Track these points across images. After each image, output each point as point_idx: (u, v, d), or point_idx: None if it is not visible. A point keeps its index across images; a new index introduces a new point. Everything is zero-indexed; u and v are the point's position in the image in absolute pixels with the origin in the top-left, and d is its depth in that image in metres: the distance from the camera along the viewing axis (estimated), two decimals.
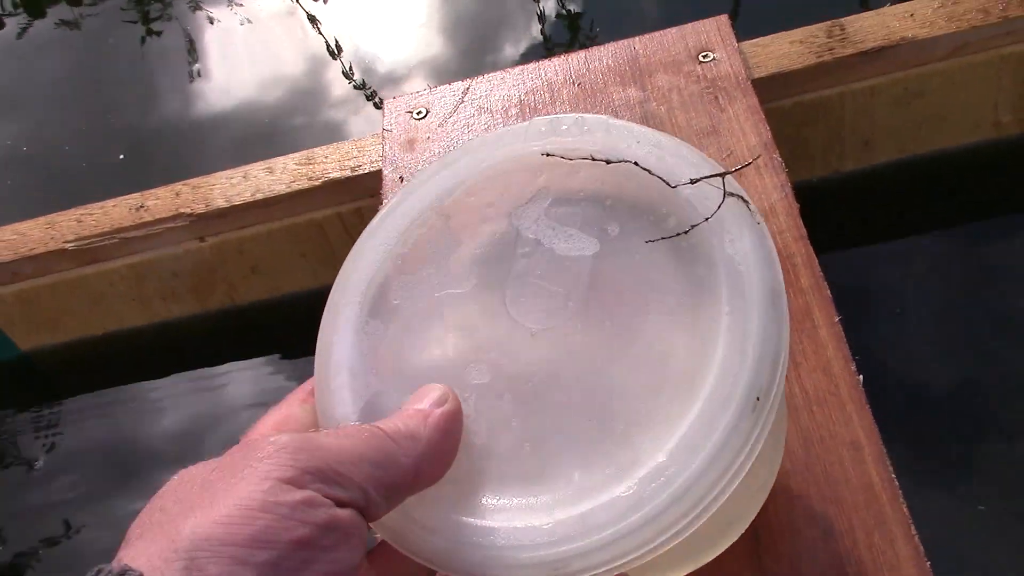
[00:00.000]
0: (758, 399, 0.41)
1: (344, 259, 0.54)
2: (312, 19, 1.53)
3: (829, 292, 0.71)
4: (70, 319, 1.07)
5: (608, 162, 0.49)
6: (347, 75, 1.41)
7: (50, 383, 1.12)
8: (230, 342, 1.07)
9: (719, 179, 0.46)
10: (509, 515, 0.42)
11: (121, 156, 1.36)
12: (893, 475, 0.60)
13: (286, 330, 1.06)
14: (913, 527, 0.58)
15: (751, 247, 0.44)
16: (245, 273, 1.04)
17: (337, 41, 1.46)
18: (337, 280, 0.51)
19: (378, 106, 1.35)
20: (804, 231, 0.74)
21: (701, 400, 0.42)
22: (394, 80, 1.39)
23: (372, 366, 0.47)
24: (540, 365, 0.46)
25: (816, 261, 0.72)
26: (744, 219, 0.45)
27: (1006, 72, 0.94)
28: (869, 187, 0.98)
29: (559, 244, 0.49)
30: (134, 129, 1.41)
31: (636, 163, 0.48)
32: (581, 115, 0.51)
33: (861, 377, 0.65)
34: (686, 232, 0.46)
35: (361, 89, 1.38)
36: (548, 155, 0.51)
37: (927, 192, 0.97)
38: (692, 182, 0.46)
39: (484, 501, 0.43)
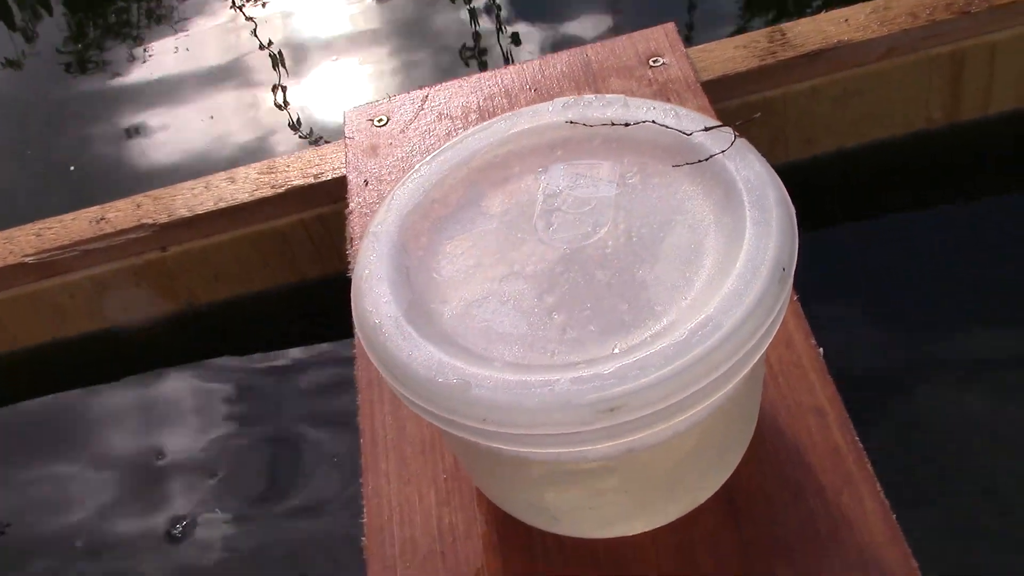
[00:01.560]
0: (784, 270, 0.49)
1: (306, 267, 0.63)
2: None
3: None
4: (26, 333, 1.07)
5: (627, 124, 0.58)
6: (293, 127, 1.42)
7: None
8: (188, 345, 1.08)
9: (725, 133, 0.56)
10: (562, 371, 0.47)
11: None
12: (857, 438, 0.64)
13: (245, 331, 1.08)
14: (878, 485, 0.61)
15: (763, 170, 0.53)
16: (208, 281, 1.05)
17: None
18: (376, 215, 0.58)
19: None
20: None
21: (733, 276, 0.48)
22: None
23: (409, 280, 0.55)
24: (574, 273, 0.53)
25: None
26: (752, 154, 0.55)
27: (935, 71, 0.99)
28: (812, 177, 1.03)
29: (582, 190, 0.57)
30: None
31: (654, 121, 0.57)
32: (601, 94, 0.60)
33: (821, 350, 0.69)
34: (707, 159, 0.55)
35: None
36: (571, 122, 0.60)
37: (865, 181, 1.03)
38: (706, 129, 0.56)
39: (539, 367, 0.49)
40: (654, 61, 0.94)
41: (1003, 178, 1.03)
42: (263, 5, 1.67)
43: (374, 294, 0.54)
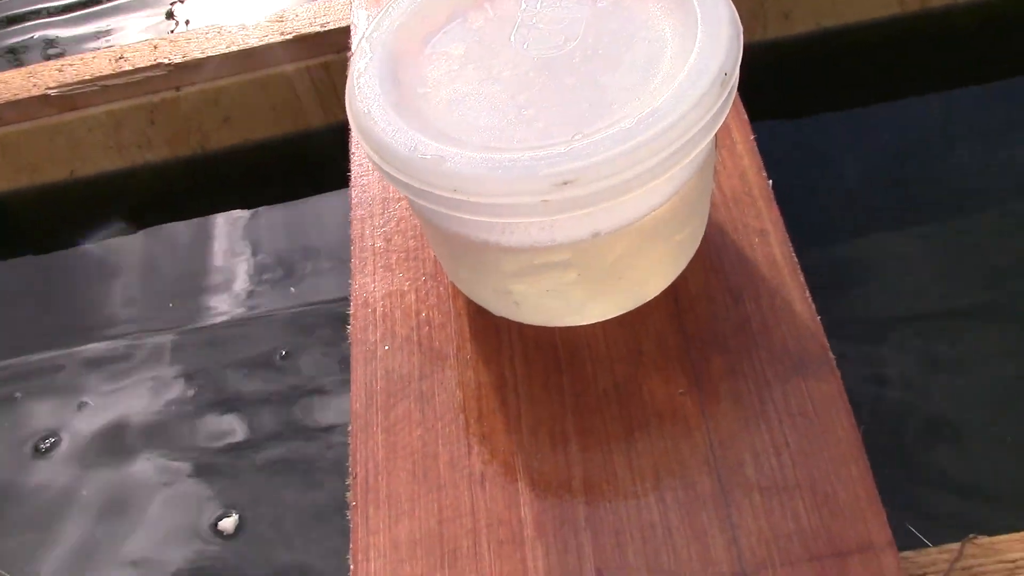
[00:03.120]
0: (726, 74, 0.55)
1: (311, 115, 0.69)
2: None
3: (747, 115, 0.81)
4: (48, 164, 1.14)
5: None
6: None
7: (20, 225, 1.18)
8: (201, 190, 1.14)
9: None
10: (526, 151, 0.54)
11: None
12: (794, 254, 0.70)
13: (253, 177, 1.14)
14: (808, 292, 0.68)
15: None
16: (218, 123, 1.11)
17: None
18: (370, 24, 0.65)
19: None
20: None
21: (681, 79, 0.55)
22: None
23: (397, 80, 0.62)
24: (544, 78, 0.60)
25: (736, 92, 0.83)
26: None
27: None
28: (789, 54, 1.08)
29: (556, 11, 0.64)
30: None
31: None
32: None
33: (771, 182, 0.76)
34: None
35: None
36: None
37: (840, 60, 1.08)
38: None
39: (507, 149, 0.55)
40: None
41: (968, 65, 1.09)
42: None
43: (365, 88, 0.61)
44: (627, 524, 0.59)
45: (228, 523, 0.92)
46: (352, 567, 0.60)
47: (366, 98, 0.60)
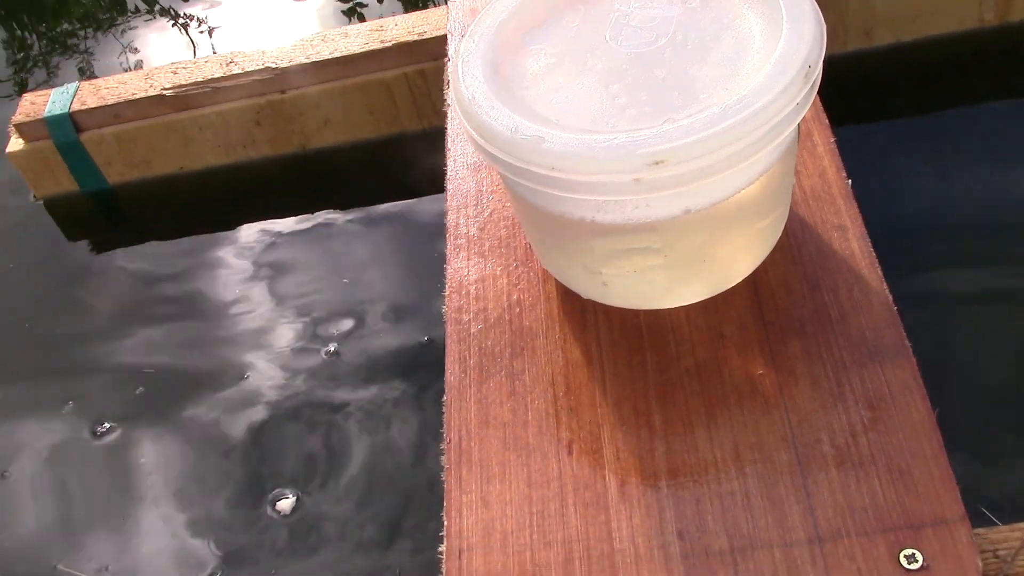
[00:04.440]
0: (809, 67, 0.57)
1: (406, 120, 0.72)
2: None
3: (827, 120, 0.83)
4: (160, 159, 1.19)
5: None
6: None
7: (132, 215, 1.23)
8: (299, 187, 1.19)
9: None
10: (620, 134, 0.57)
11: None
12: (872, 249, 0.72)
13: (355, 175, 1.18)
14: (886, 284, 0.70)
15: None
16: (319, 125, 1.15)
17: None
18: (474, 21, 0.68)
19: None
20: None
21: (767, 71, 0.57)
22: None
23: (498, 71, 0.65)
24: (636, 70, 0.62)
25: (817, 95, 0.84)
26: None
27: None
28: (868, 67, 1.10)
29: (649, 11, 0.66)
30: None
31: None
32: None
33: (850, 181, 0.77)
34: None
35: None
36: None
37: (917, 74, 1.09)
38: None
39: (601, 131, 0.58)
40: None
41: None
42: None
43: (469, 76, 0.64)
44: (707, 492, 0.61)
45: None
46: (446, 523, 0.63)
47: (470, 85, 0.63)
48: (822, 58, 0.59)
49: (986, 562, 0.57)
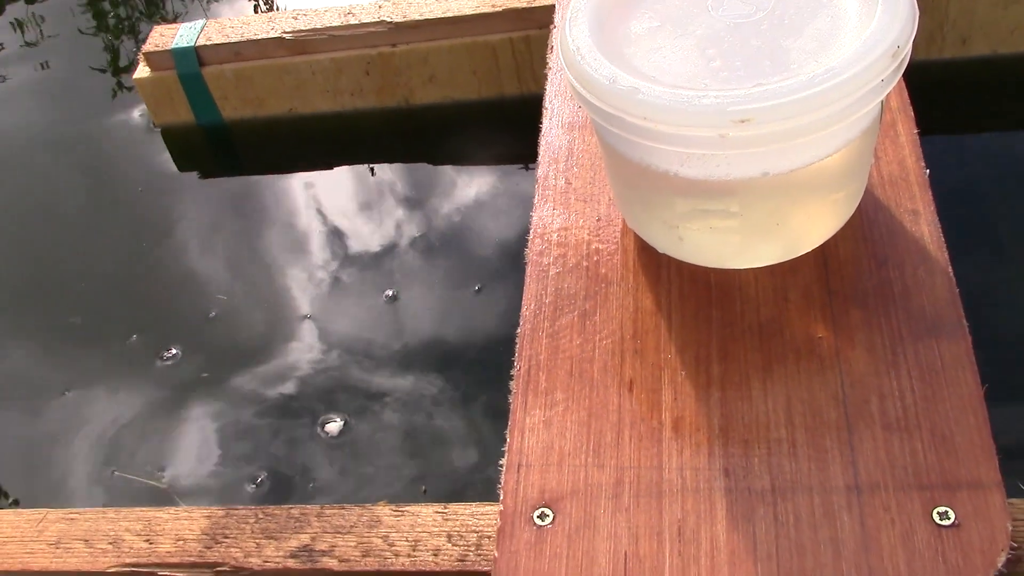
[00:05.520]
0: (899, 47, 0.60)
1: (506, 83, 0.75)
2: None
3: (912, 112, 0.84)
4: (272, 99, 1.24)
5: None
6: None
7: (241, 151, 1.29)
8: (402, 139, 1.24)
9: None
10: (711, 92, 0.60)
11: None
12: (941, 234, 0.74)
13: (453, 133, 1.22)
14: (951, 268, 0.71)
15: None
16: (424, 81, 1.20)
17: None
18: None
19: None
20: None
21: (857, 47, 0.59)
22: None
23: (603, 30, 0.68)
24: (733, 38, 0.65)
25: (904, 87, 0.86)
26: None
27: None
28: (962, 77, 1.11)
29: None
30: None
31: None
32: None
33: (928, 171, 0.79)
34: None
35: None
36: None
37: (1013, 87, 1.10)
38: None
39: (694, 89, 0.61)
40: None
41: None
42: None
43: (576, 31, 0.67)
44: (756, 436, 0.63)
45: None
46: (509, 441, 0.67)
47: (575, 37, 0.66)
48: (911, 39, 0.61)
49: (1016, 529, 0.59)
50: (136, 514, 0.73)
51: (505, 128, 1.21)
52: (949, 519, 0.58)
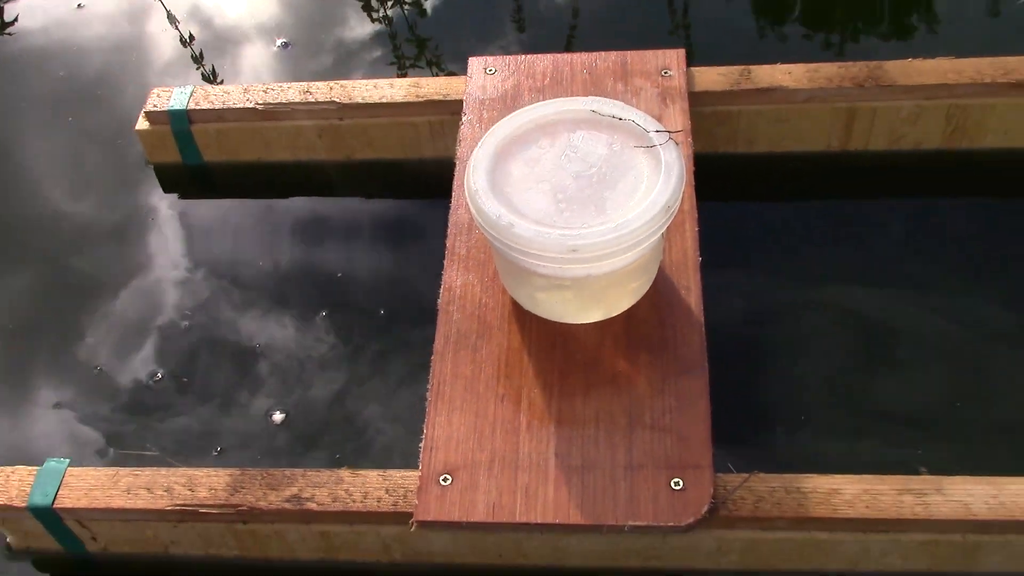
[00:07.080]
0: (669, 207, 0.95)
1: (425, 149, 1.14)
2: None
3: (697, 214, 1.23)
4: (245, 150, 1.56)
5: (620, 119, 1.03)
6: None
7: (217, 185, 1.61)
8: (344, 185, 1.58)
9: (665, 134, 1.00)
10: (556, 230, 0.95)
11: None
12: (702, 304, 1.13)
13: (383, 184, 1.57)
14: (704, 329, 1.11)
15: (676, 154, 0.98)
16: (363, 145, 1.54)
17: None
18: (479, 142, 1.05)
19: None
20: (691, 181, 1.26)
21: (646, 203, 0.95)
22: None
23: (494, 176, 1.02)
24: (575, 186, 1.00)
25: (694, 195, 1.24)
26: (674, 147, 0.99)
27: (836, 117, 1.45)
28: (747, 169, 1.50)
29: (589, 148, 1.03)
30: None
31: (634, 120, 1.02)
32: (610, 99, 1.04)
33: (700, 259, 1.18)
34: (652, 146, 1.00)
35: None
36: (593, 111, 1.05)
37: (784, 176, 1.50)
38: (657, 131, 1.00)
39: (548, 226, 0.95)
40: (664, 72, 1.40)
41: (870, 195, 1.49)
42: None
43: (475, 177, 1.01)
44: (575, 433, 1.01)
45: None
46: (425, 431, 1.03)
47: (476, 183, 1.01)
48: (679, 200, 0.97)
49: (717, 490, 0.99)
50: (181, 471, 1.08)
51: (422, 183, 1.56)
52: (679, 486, 0.97)
